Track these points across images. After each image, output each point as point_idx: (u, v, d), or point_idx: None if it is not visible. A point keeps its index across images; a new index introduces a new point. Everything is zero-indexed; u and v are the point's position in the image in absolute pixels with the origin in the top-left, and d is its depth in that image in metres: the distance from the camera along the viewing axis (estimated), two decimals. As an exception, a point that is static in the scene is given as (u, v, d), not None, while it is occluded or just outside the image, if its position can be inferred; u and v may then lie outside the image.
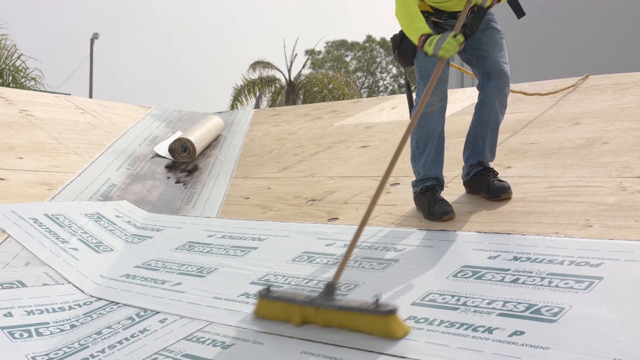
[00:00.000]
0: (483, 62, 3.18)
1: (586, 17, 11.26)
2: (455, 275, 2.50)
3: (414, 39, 3.01)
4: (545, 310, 2.11)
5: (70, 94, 9.33)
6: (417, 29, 3.00)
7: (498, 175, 3.31)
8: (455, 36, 2.88)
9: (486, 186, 3.24)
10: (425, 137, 3.26)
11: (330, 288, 2.36)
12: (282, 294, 2.49)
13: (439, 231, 3.01)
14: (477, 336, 2.05)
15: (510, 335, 2.01)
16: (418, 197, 3.31)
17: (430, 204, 3.18)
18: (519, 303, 2.19)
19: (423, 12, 3.16)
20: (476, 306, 2.23)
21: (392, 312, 2.15)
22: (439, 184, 3.30)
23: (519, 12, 3.27)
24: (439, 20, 3.22)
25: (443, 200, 3.20)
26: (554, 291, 2.22)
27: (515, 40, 6.46)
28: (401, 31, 3.22)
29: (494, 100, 3.20)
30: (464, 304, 2.27)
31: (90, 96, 25.04)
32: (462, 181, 3.45)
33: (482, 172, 3.30)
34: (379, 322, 2.15)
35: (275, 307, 2.44)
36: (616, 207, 2.86)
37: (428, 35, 2.95)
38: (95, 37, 28.08)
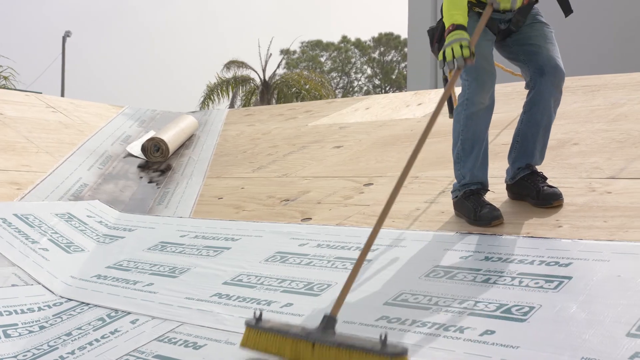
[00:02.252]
0: (535, 57, 2.97)
1: (585, 17, 11.33)
2: (428, 275, 2.51)
3: (446, 23, 2.82)
4: (515, 310, 2.13)
5: (41, 93, 9.20)
6: (452, 16, 2.79)
7: (547, 181, 3.07)
8: (464, 47, 2.67)
9: (535, 192, 2.99)
10: (472, 138, 3.01)
11: (330, 321, 2.09)
12: (273, 325, 2.16)
13: (411, 231, 3.02)
14: (448, 336, 2.07)
15: (481, 335, 2.03)
16: (461, 202, 3.04)
17: (477, 209, 2.93)
18: (489, 303, 2.21)
19: (469, 2, 2.95)
20: (448, 306, 2.25)
21: (401, 354, 1.88)
22: (484, 188, 3.06)
23: (567, 10, 3.06)
24: (483, 11, 2.97)
25: (490, 204, 2.97)
26: (524, 291, 2.25)
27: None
28: (442, 23, 2.98)
29: (548, 98, 2.97)
30: (436, 303, 2.28)
31: (62, 95, 24.74)
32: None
33: (530, 177, 3.05)
34: None
35: (265, 339, 2.14)
36: (585, 208, 2.90)
37: (457, 27, 2.74)
38: (67, 34, 27.78)
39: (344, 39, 40.71)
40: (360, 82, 41.28)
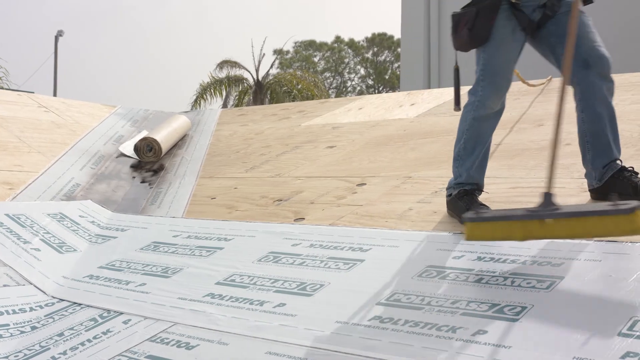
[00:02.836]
0: (576, 49, 2.71)
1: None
2: (420, 275, 2.52)
3: None
4: (507, 310, 2.14)
5: (33, 92, 9.17)
6: None
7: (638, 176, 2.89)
8: None
9: (632, 188, 2.80)
10: (476, 138, 2.98)
11: (550, 196, 2.17)
12: (494, 213, 2.35)
13: (404, 231, 3.03)
14: (441, 335, 2.07)
15: (474, 335, 2.03)
16: (454, 201, 3.01)
17: (469, 209, 2.87)
18: (482, 302, 2.21)
19: None
20: (440, 306, 2.25)
21: (637, 208, 1.98)
22: (478, 189, 3.04)
23: None
24: (516, 0, 2.86)
25: (483, 205, 2.94)
26: (516, 290, 2.25)
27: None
28: (475, 7, 2.87)
29: (600, 89, 2.81)
30: (429, 303, 2.28)
31: (55, 94, 24.66)
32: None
33: (621, 173, 2.86)
34: (624, 222, 1.99)
35: (490, 228, 2.32)
36: (577, 208, 2.91)
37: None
38: (59, 34, 27.72)
39: (338, 39, 40.75)
40: (353, 82, 41.34)
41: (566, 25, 2.75)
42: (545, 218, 2.17)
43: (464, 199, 2.97)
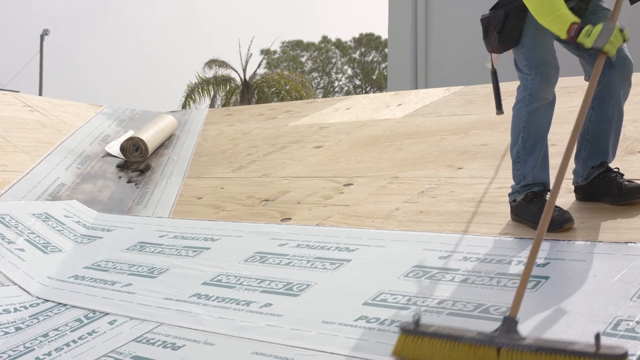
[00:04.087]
0: None
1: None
2: (407, 275, 2.52)
3: (559, 27, 2.57)
4: (493, 310, 2.15)
5: (18, 92, 9.11)
6: (562, 16, 2.55)
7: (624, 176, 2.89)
8: (621, 30, 2.47)
9: (616, 188, 2.81)
10: (535, 135, 2.84)
11: (511, 323, 1.84)
12: (438, 330, 1.88)
13: (391, 231, 3.03)
14: (427, 335, 2.07)
15: (459, 334, 2.03)
16: (523, 206, 2.83)
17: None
18: (468, 302, 2.22)
19: None
20: (426, 306, 2.26)
21: (622, 356, 1.64)
22: (545, 190, 2.86)
23: None
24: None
25: (559, 207, 2.73)
26: (502, 290, 2.26)
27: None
28: (502, 9, 2.80)
29: (618, 91, 2.79)
30: (415, 303, 2.29)
31: (40, 94, 24.51)
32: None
33: (606, 174, 2.86)
34: None
35: (428, 346, 1.85)
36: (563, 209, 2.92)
37: (581, 25, 2.54)
38: (45, 33, 27.54)
39: (325, 39, 40.76)
40: (340, 83, 41.35)
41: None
42: (502, 347, 1.78)
43: (534, 202, 2.80)
